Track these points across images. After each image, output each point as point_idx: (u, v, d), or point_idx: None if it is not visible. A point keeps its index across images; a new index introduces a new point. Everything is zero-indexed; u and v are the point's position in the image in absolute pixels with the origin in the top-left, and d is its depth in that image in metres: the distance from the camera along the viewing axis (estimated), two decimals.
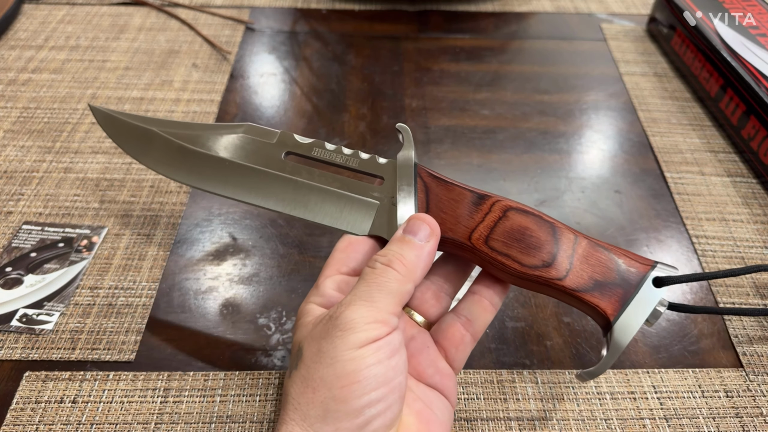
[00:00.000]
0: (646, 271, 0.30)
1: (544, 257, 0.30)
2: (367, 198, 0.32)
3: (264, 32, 0.66)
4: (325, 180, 0.32)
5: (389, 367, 0.26)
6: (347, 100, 0.57)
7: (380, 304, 0.27)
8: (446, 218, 0.31)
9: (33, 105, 0.54)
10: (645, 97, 0.59)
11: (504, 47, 0.66)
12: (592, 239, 0.30)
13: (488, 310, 0.32)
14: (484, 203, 0.31)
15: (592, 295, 0.29)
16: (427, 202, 0.31)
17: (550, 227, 0.30)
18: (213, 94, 0.57)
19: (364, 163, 0.32)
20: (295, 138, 0.33)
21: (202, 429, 0.33)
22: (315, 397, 0.25)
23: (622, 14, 0.72)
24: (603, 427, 0.34)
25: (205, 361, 0.37)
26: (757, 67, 0.52)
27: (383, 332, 0.26)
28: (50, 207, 0.45)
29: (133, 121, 0.35)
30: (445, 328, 0.32)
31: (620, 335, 0.29)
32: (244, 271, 0.42)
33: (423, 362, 0.30)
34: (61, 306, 0.39)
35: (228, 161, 0.33)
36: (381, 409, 0.25)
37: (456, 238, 0.30)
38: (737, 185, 0.50)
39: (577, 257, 0.30)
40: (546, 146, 0.53)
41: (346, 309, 0.26)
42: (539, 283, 0.30)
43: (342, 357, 0.25)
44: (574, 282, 0.29)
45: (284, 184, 0.32)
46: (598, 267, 0.30)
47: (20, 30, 0.64)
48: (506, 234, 0.30)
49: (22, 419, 0.33)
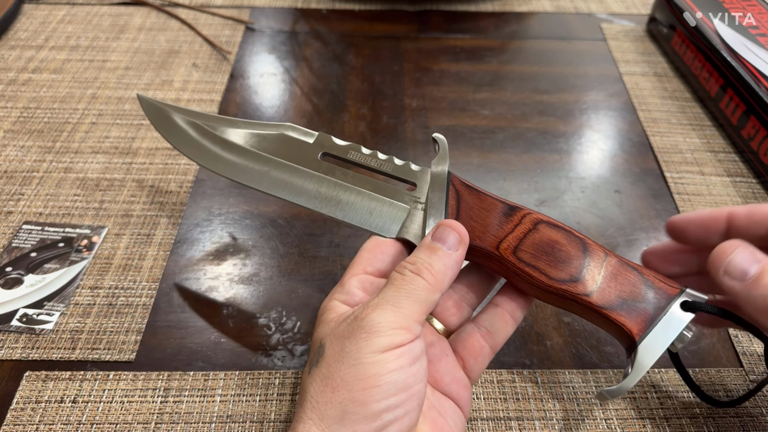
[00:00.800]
0: (675, 294, 0.29)
1: (572, 272, 0.29)
2: (397, 201, 0.32)
3: (264, 32, 0.66)
4: (358, 181, 0.33)
5: (410, 374, 0.26)
6: (347, 100, 0.57)
7: (406, 310, 0.27)
8: (476, 226, 0.31)
9: (33, 105, 0.54)
10: (645, 97, 0.59)
11: (504, 47, 0.66)
12: (622, 258, 0.30)
13: (509, 323, 0.32)
14: (515, 215, 0.31)
15: (618, 313, 0.29)
16: (457, 209, 0.31)
17: (580, 243, 0.30)
18: (213, 94, 0.57)
19: (397, 168, 0.33)
20: (333, 140, 0.34)
21: (202, 429, 0.33)
22: (334, 397, 0.25)
23: (622, 14, 0.72)
24: (603, 426, 0.34)
25: (205, 361, 0.37)
26: (757, 67, 0.52)
27: (407, 339, 0.26)
28: (50, 207, 0.45)
29: (176, 113, 0.36)
30: (465, 338, 0.32)
31: (645, 356, 0.28)
32: (244, 271, 0.42)
33: (441, 370, 0.30)
34: (62, 306, 0.39)
35: (267, 157, 0.34)
36: (399, 415, 0.25)
37: (484, 247, 0.30)
38: (737, 185, 0.50)
39: (605, 275, 0.29)
40: (546, 146, 0.53)
41: (373, 311, 0.26)
42: (565, 297, 0.29)
43: (365, 359, 0.25)
44: (601, 299, 0.29)
45: (318, 182, 0.33)
46: (627, 286, 0.29)
47: (20, 30, 0.64)
48: (535, 246, 0.30)
49: (23, 419, 0.33)
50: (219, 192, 0.47)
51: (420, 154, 0.52)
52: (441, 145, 0.33)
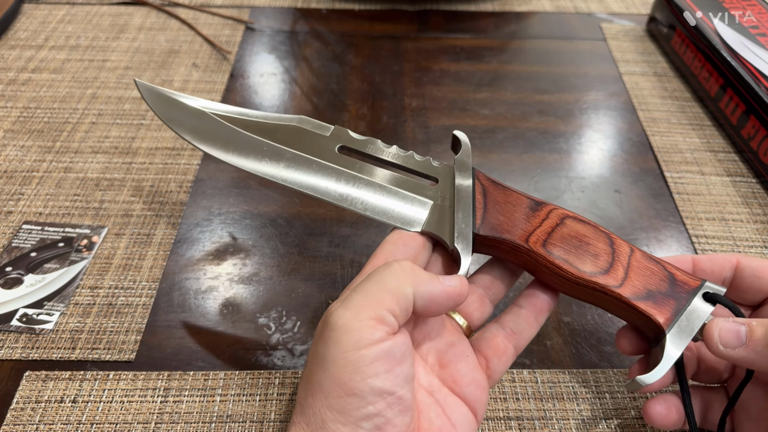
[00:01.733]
0: (696, 286, 0.30)
1: (601, 264, 0.30)
2: (420, 196, 0.32)
3: (264, 32, 0.66)
4: (379, 176, 0.33)
5: (389, 380, 0.25)
6: (347, 100, 0.57)
7: (373, 298, 0.25)
8: (504, 221, 0.31)
9: (33, 105, 0.54)
10: (645, 97, 0.59)
11: (504, 47, 0.66)
12: (645, 252, 0.31)
13: (533, 324, 0.32)
14: (542, 209, 0.31)
15: (646, 304, 0.29)
16: (485, 204, 0.31)
17: (607, 237, 0.31)
18: (213, 94, 0.57)
19: (418, 164, 0.33)
20: (350, 133, 0.34)
21: (202, 429, 0.33)
22: (314, 403, 0.25)
23: (621, 14, 0.72)
24: (603, 426, 0.34)
25: (205, 360, 0.37)
26: (757, 66, 0.52)
27: (379, 334, 0.25)
28: (50, 207, 0.45)
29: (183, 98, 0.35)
30: (489, 338, 0.31)
31: (673, 344, 0.28)
32: (244, 270, 0.42)
33: (461, 370, 0.30)
34: (61, 306, 0.39)
35: (281, 147, 0.33)
36: (380, 423, 0.25)
37: (513, 240, 0.30)
38: (737, 185, 0.50)
39: (632, 267, 0.30)
40: (546, 146, 0.53)
41: (340, 305, 0.26)
42: (594, 290, 0.30)
43: (338, 361, 0.24)
44: (629, 291, 0.29)
45: (338, 175, 0.32)
46: (652, 278, 0.30)
47: (20, 30, 0.64)
48: (564, 239, 0.31)
49: (23, 419, 0.33)
50: (219, 192, 0.47)
51: (420, 153, 0.52)
52: (463, 141, 0.34)
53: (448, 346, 0.30)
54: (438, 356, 0.30)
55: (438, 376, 0.30)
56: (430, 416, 0.28)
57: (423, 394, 0.29)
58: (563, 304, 0.41)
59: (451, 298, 0.27)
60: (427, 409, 0.28)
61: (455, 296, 0.27)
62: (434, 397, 0.29)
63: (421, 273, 0.27)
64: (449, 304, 0.28)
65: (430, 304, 0.27)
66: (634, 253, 0.31)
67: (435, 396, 0.29)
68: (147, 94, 0.36)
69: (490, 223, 0.31)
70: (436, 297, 0.27)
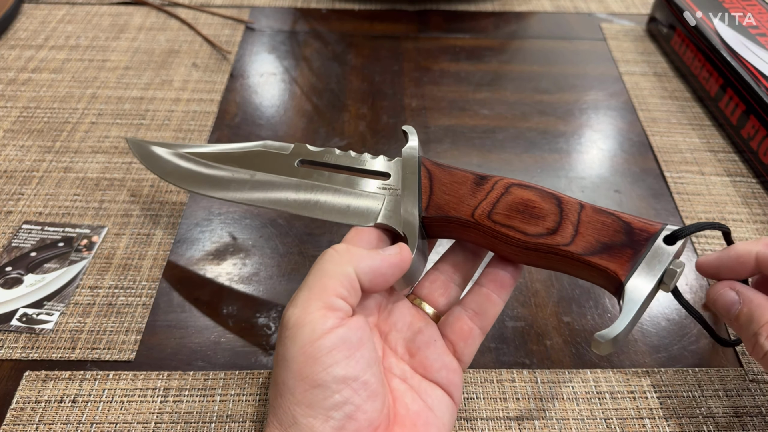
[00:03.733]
0: (656, 231, 0.29)
1: (548, 225, 0.29)
2: (373, 192, 0.33)
3: (264, 32, 0.66)
4: (333, 180, 0.34)
5: (350, 366, 0.25)
6: (347, 100, 0.57)
7: (317, 288, 0.26)
8: (450, 200, 0.31)
9: (33, 104, 0.54)
10: (645, 97, 0.59)
11: (504, 47, 0.66)
12: (598, 207, 0.30)
13: (495, 302, 0.31)
14: (487, 182, 0.31)
15: (600, 257, 0.28)
16: (430, 188, 0.32)
17: (554, 198, 0.30)
18: (213, 94, 0.57)
19: (371, 163, 0.34)
20: (308, 147, 0.36)
21: (202, 428, 0.33)
22: (283, 402, 0.25)
23: (621, 14, 0.72)
24: (603, 426, 0.34)
25: (205, 360, 0.37)
26: (757, 66, 0.52)
27: (332, 321, 0.25)
28: (50, 206, 0.45)
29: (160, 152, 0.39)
30: (453, 321, 0.31)
31: (633, 294, 0.27)
32: (244, 270, 0.42)
33: (430, 356, 0.30)
34: (61, 305, 0.39)
35: (245, 172, 0.36)
36: (350, 411, 0.25)
37: (459, 216, 0.31)
38: (737, 185, 0.50)
39: (582, 223, 0.29)
40: (546, 146, 0.53)
41: (289, 305, 0.26)
42: (545, 251, 0.29)
43: (296, 357, 0.25)
44: (581, 246, 0.29)
45: (296, 187, 0.34)
46: (605, 230, 0.29)
47: (20, 29, 0.64)
48: (509, 207, 0.30)
49: (22, 419, 0.33)
50: None
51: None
52: (410, 134, 0.34)
53: (416, 334, 0.31)
54: (406, 345, 0.31)
55: (409, 365, 0.30)
56: (405, 402, 0.28)
57: (397, 382, 0.29)
58: (563, 304, 0.41)
59: (395, 265, 0.28)
60: (402, 396, 0.29)
61: (398, 263, 0.28)
62: (408, 383, 0.29)
63: (359, 251, 0.28)
64: (395, 272, 0.28)
65: (376, 277, 0.28)
66: (585, 209, 0.30)
67: (409, 383, 0.29)
68: (135, 149, 0.40)
69: (436, 204, 0.31)
70: (378, 269, 0.28)
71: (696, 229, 0.29)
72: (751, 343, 0.30)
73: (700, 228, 0.29)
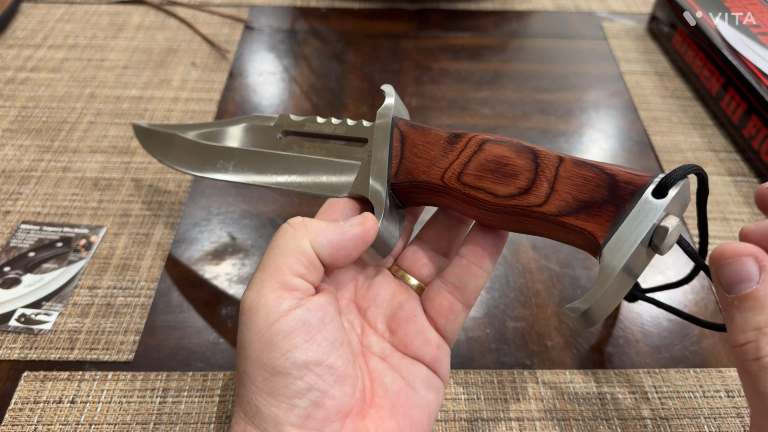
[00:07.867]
0: (644, 183, 0.24)
1: (520, 184, 0.26)
2: (348, 160, 0.31)
3: (263, 31, 0.66)
4: (311, 150, 0.32)
5: (310, 350, 0.23)
6: (347, 99, 0.57)
7: (271, 269, 0.24)
8: (420, 162, 0.28)
9: (31, 104, 0.54)
10: (646, 96, 0.59)
11: (504, 46, 0.66)
12: (579, 158, 0.26)
13: (477, 274, 0.29)
14: (460, 140, 0.28)
15: (576, 217, 0.25)
16: (402, 150, 0.29)
17: (530, 152, 0.27)
18: (212, 93, 0.56)
19: (350, 128, 0.32)
20: (291, 117, 0.34)
21: (201, 429, 0.33)
22: (246, 393, 0.24)
23: (622, 13, 0.72)
24: (603, 427, 0.34)
25: (204, 361, 0.36)
26: (759, 66, 0.52)
27: (287, 303, 0.23)
28: (48, 206, 0.45)
29: (160, 129, 0.40)
30: (433, 296, 0.29)
31: (610, 259, 0.23)
32: (243, 270, 0.42)
33: (410, 333, 0.28)
34: (60, 306, 0.39)
35: (231, 148, 0.35)
36: (316, 398, 0.23)
37: (429, 180, 0.28)
38: (738, 184, 0.50)
39: (559, 179, 0.26)
40: (546, 145, 0.53)
41: (246, 289, 0.25)
42: (517, 214, 0.26)
43: (253, 344, 0.23)
44: (555, 206, 0.25)
45: (275, 160, 0.33)
46: (585, 186, 0.25)
47: (18, 29, 0.64)
48: (480, 166, 0.27)
49: (21, 419, 0.33)
50: (217, 191, 0.47)
51: None
52: (387, 94, 0.31)
53: (396, 309, 0.29)
54: (387, 322, 0.29)
55: (390, 342, 0.29)
56: (384, 382, 0.27)
57: (376, 361, 0.28)
58: (564, 304, 0.40)
59: (357, 238, 0.26)
60: (381, 376, 0.27)
61: (361, 236, 0.26)
62: (388, 362, 0.28)
63: (316, 224, 0.26)
64: (357, 245, 0.26)
65: (337, 251, 0.26)
66: (564, 163, 0.26)
67: (389, 361, 0.28)
68: (139, 133, 0.41)
69: (406, 168, 0.29)
70: (339, 242, 0.26)
71: (684, 172, 0.24)
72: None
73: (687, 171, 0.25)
